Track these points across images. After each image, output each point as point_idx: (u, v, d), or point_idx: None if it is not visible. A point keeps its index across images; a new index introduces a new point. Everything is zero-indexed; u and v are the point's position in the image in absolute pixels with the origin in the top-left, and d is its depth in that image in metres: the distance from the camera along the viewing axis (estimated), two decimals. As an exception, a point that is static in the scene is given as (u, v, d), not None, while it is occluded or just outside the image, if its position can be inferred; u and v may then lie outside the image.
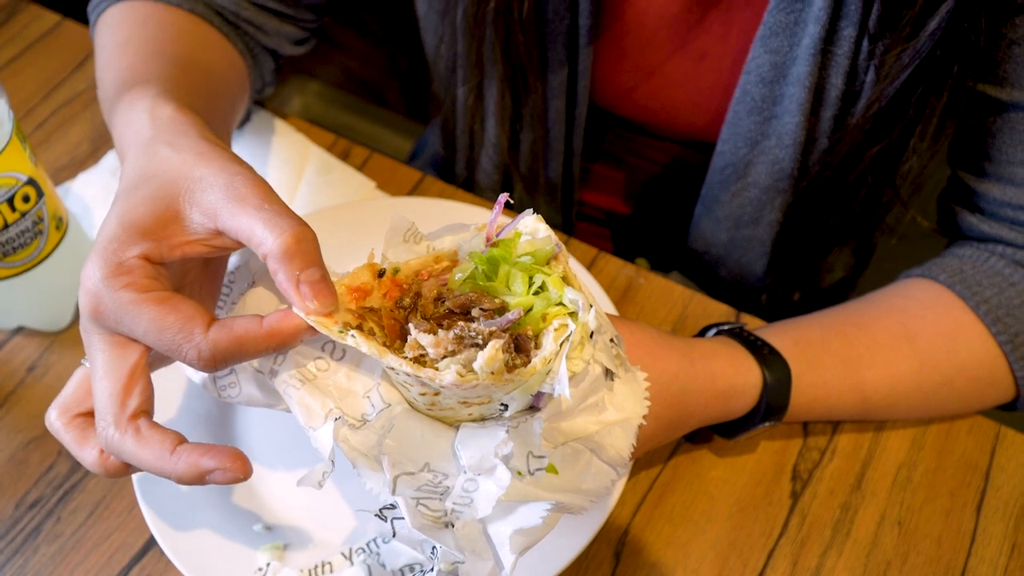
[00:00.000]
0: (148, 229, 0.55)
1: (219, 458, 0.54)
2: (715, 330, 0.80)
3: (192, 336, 0.52)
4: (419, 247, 0.58)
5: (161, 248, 0.56)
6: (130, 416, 0.54)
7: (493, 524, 0.54)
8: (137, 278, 0.54)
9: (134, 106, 0.67)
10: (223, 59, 0.87)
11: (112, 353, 0.55)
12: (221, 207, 0.55)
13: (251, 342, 0.53)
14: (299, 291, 0.52)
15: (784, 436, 0.83)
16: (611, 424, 0.57)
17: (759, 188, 0.92)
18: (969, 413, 0.84)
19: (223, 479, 0.54)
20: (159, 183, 0.57)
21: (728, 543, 0.77)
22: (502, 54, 0.90)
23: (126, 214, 0.56)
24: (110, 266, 0.54)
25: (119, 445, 0.54)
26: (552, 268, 0.54)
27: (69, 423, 0.59)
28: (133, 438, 0.54)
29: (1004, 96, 0.79)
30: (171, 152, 0.59)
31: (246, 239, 0.55)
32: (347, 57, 1.67)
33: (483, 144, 1.02)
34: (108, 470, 0.58)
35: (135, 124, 0.65)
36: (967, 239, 0.87)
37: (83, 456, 0.58)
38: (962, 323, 0.80)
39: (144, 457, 0.54)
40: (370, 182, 0.98)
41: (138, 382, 0.55)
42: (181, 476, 0.54)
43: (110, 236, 0.55)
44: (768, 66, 0.83)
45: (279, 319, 0.53)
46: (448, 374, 0.49)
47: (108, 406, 0.54)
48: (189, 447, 0.54)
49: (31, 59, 1.09)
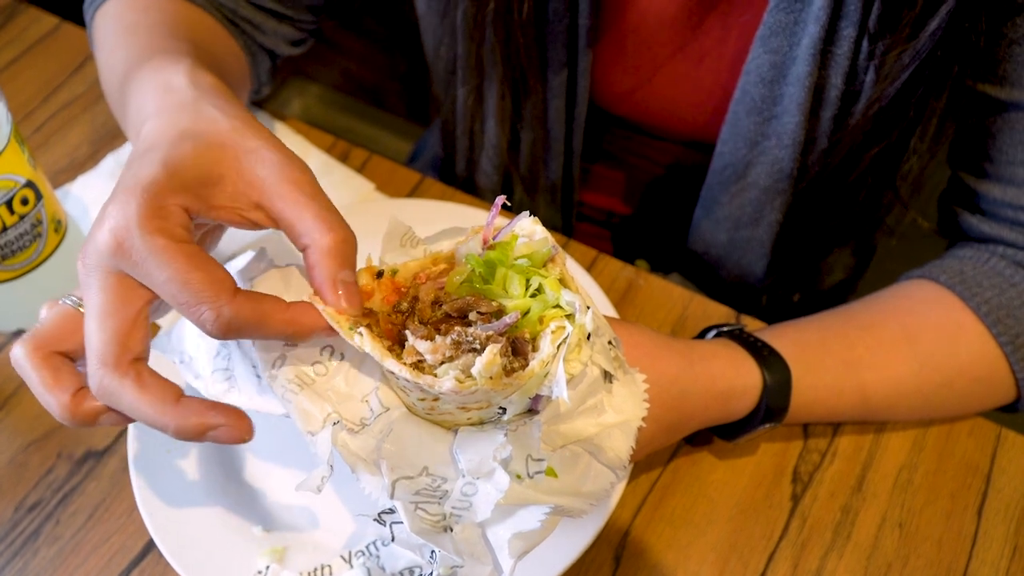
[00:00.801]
0: (191, 182, 0.54)
1: (225, 414, 0.52)
2: (715, 331, 0.80)
3: (218, 297, 0.50)
4: (416, 251, 0.58)
5: (200, 205, 0.54)
6: (132, 359, 0.52)
7: (492, 528, 0.54)
8: (173, 226, 0.52)
9: (163, 69, 0.64)
10: (228, 50, 0.87)
11: (118, 294, 0.52)
12: (271, 186, 0.54)
13: (271, 322, 0.51)
14: (335, 289, 0.52)
15: (784, 438, 0.83)
16: (610, 426, 0.57)
17: (759, 189, 0.92)
18: (970, 414, 0.84)
19: (226, 436, 0.52)
20: (208, 141, 0.55)
21: (728, 546, 0.77)
22: (502, 55, 0.90)
23: (172, 161, 0.54)
24: (149, 207, 0.51)
25: (116, 389, 0.52)
26: (549, 270, 0.54)
27: (43, 360, 0.55)
28: (134, 383, 0.52)
29: (1004, 96, 0.79)
30: (220, 115, 0.57)
31: (288, 225, 0.54)
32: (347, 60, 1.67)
33: (483, 145, 1.02)
34: (78, 417, 0.54)
35: (168, 83, 0.62)
36: (967, 240, 0.86)
37: (50, 400, 0.54)
38: (963, 324, 0.80)
39: (143, 405, 0.51)
40: (369, 184, 0.98)
41: (142, 328, 0.53)
42: (180, 427, 0.52)
43: (152, 178, 0.52)
44: (768, 66, 0.83)
45: (303, 310, 0.52)
46: (447, 381, 0.49)
47: (109, 347, 0.51)
48: (195, 401, 0.53)
49: (30, 62, 1.09)
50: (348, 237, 0.53)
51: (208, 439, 0.53)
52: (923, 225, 0.91)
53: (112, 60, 0.77)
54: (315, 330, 0.53)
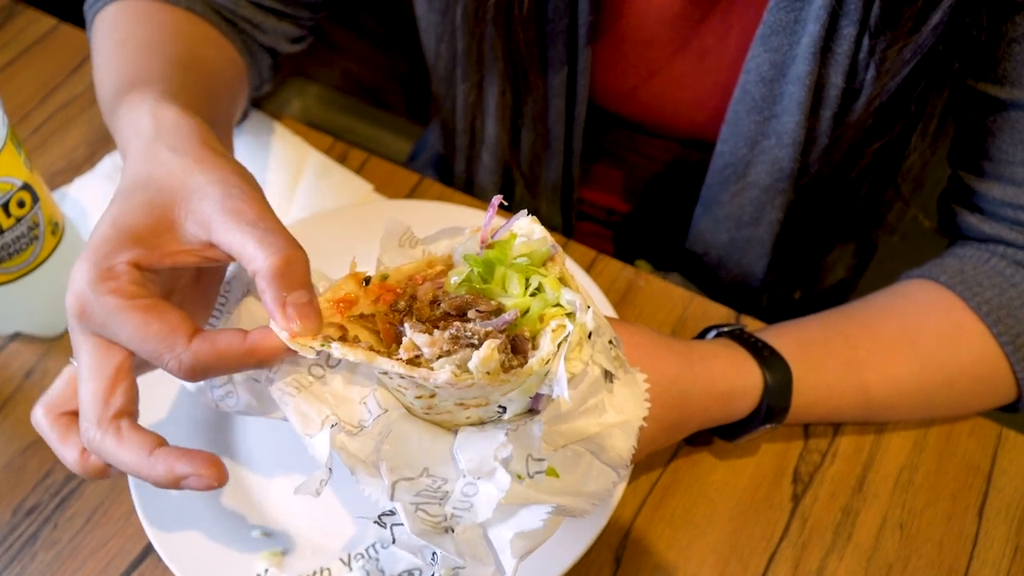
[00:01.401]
0: (140, 235, 0.55)
1: (194, 464, 0.54)
2: (715, 332, 0.80)
3: (174, 346, 0.53)
4: (415, 251, 0.58)
5: (152, 255, 0.56)
6: (112, 416, 0.54)
7: (494, 528, 0.53)
8: (124, 284, 0.54)
9: (135, 107, 0.66)
10: (222, 57, 0.87)
11: (97, 354, 0.55)
12: (215, 219, 0.55)
13: (232, 357, 0.53)
14: (284, 312, 0.52)
15: (785, 439, 0.82)
16: (611, 426, 0.56)
17: (759, 188, 0.92)
18: (971, 414, 0.84)
19: (197, 485, 0.54)
20: (156, 188, 0.57)
21: (729, 546, 0.77)
22: (503, 51, 0.90)
23: (120, 218, 0.56)
24: (98, 270, 0.54)
25: (100, 444, 0.54)
26: (549, 269, 0.53)
27: (55, 421, 0.59)
28: (114, 438, 0.54)
29: (1004, 95, 0.78)
30: (171, 156, 0.59)
31: (237, 255, 0.55)
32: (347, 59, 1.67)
33: (483, 143, 1.01)
34: (88, 470, 0.58)
35: (137, 125, 0.65)
36: (968, 239, 0.86)
37: (64, 455, 0.58)
38: (963, 324, 0.79)
39: (123, 458, 0.54)
40: (368, 185, 0.98)
41: (121, 383, 0.55)
42: (157, 480, 0.54)
43: (101, 239, 0.55)
44: (768, 65, 0.82)
45: (260, 337, 0.53)
46: (443, 373, 0.49)
47: (91, 406, 0.54)
48: (167, 451, 0.54)
49: (27, 63, 1.08)
50: (293, 257, 0.54)
51: (184, 487, 0.54)
52: (924, 223, 0.91)
53: (103, 77, 0.79)
54: (278, 354, 0.53)
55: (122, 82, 0.73)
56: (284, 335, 0.52)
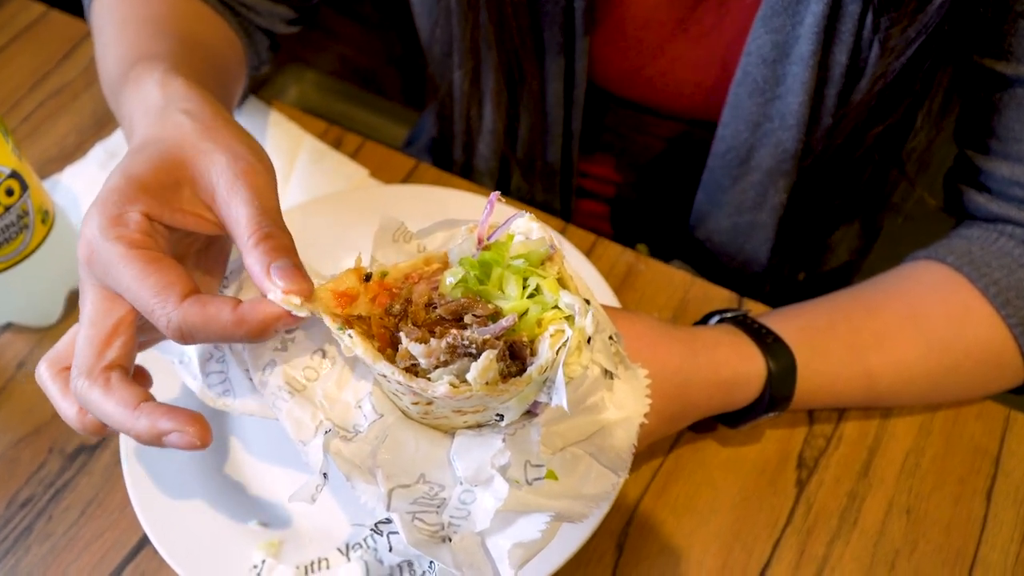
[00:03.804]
0: (151, 187, 0.55)
1: (177, 420, 0.52)
2: (718, 317, 0.78)
3: (166, 303, 0.51)
4: (409, 246, 0.57)
5: (161, 209, 0.55)
6: (104, 367, 0.53)
7: (491, 537, 0.52)
8: (132, 232, 0.53)
9: (142, 82, 0.66)
10: (221, 38, 0.86)
11: (101, 305, 0.54)
12: (218, 189, 0.55)
13: (220, 325, 0.51)
14: (269, 276, 0.51)
15: (789, 424, 0.81)
16: (612, 424, 0.55)
17: (762, 171, 0.91)
18: (978, 398, 0.83)
19: (180, 442, 0.52)
20: (167, 145, 0.57)
21: (732, 533, 0.75)
22: (496, 39, 0.88)
23: (131, 168, 0.56)
24: (108, 216, 0.53)
25: (86, 394, 0.53)
26: (547, 270, 0.52)
27: (57, 375, 0.58)
28: (101, 389, 0.52)
29: (1010, 71, 0.77)
30: (184, 118, 0.59)
31: (230, 229, 0.54)
32: (343, 45, 1.66)
33: (480, 129, 1.00)
34: (87, 427, 0.56)
35: (144, 98, 0.64)
36: (975, 219, 0.85)
37: (64, 409, 0.57)
38: (970, 306, 0.78)
39: (107, 409, 0.52)
40: (363, 170, 0.96)
41: (120, 337, 0.54)
42: (140, 434, 0.52)
43: (112, 188, 0.55)
44: (770, 46, 0.81)
45: (251, 307, 0.51)
46: (441, 386, 0.48)
47: (85, 354, 0.53)
48: (151, 406, 0.52)
49: (17, 51, 1.07)
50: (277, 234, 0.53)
51: (167, 445, 0.53)
52: (930, 203, 0.90)
53: (106, 61, 0.78)
54: (266, 326, 0.52)
55: (127, 61, 0.72)
56: (278, 296, 0.51)
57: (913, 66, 0.79)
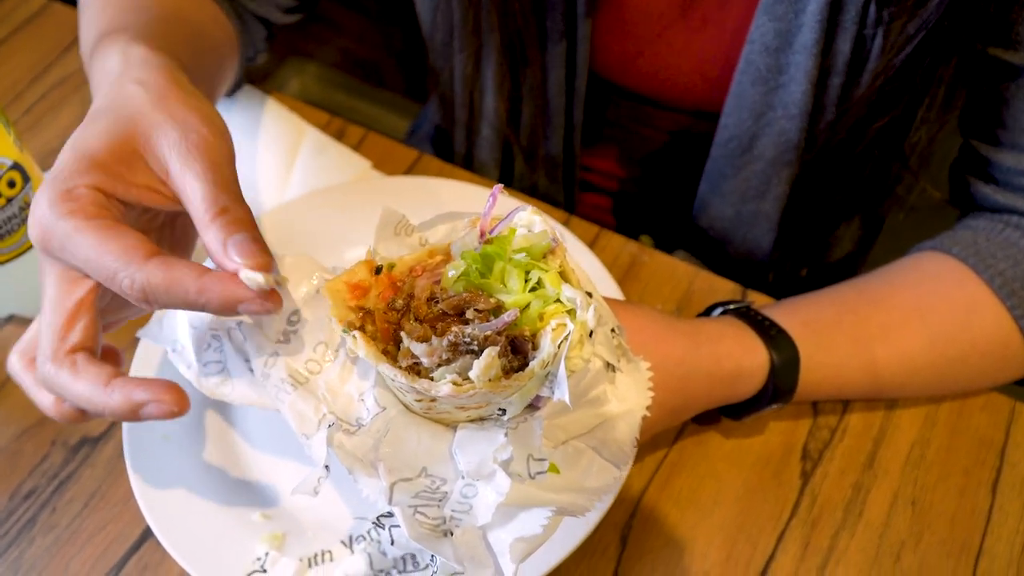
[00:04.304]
0: (101, 161, 0.53)
1: (152, 390, 0.51)
2: (721, 309, 0.78)
3: (129, 264, 0.50)
4: (411, 239, 0.56)
5: (114, 183, 0.53)
6: (68, 350, 0.52)
7: (493, 532, 0.52)
8: (84, 205, 0.52)
9: (108, 50, 0.65)
10: (208, 17, 0.85)
11: (60, 288, 0.53)
12: (171, 163, 0.53)
13: (183, 290, 0.50)
14: (226, 252, 0.50)
15: (793, 415, 0.81)
16: (614, 417, 0.55)
17: (765, 161, 0.90)
18: (984, 389, 0.82)
19: (157, 412, 0.51)
20: (118, 116, 0.55)
21: (736, 526, 0.75)
22: (499, 21, 0.88)
23: (80, 143, 0.54)
24: (57, 192, 0.52)
25: (55, 379, 0.52)
26: (549, 263, 0.51)
27: (28, 365, 0.57)
28: (69, 371, 0.51)
29: (1018, 60, 0.76)
30: (137, 88, 0.57)
31: (185, 203, 0.53)
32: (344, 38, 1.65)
33: (482, 117, 1.00)
34: (64, 415, 0.55)
35: (106, 65, 0.63)
36: (980, 210, 0.84)
37: (39, 399, 0.56)
38: (976, 297, 0.78)
39: (79, 391, 0.51)
40: (365, 161, 0.96)
41: (82, 318, 0.53)
42: (115, 410, 0.51)
43: (62, 164, 0.53)
44: (772, 35, 0.80)
45: (216, 279, 0.50)
46: (444, 386, 0.47)
47: (48, 339, 0.52)
48: (123, 380, 0.52)
49: (19, 43, 1.07)
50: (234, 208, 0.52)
51: (144, 417, 0.51)
52: (934, 195, 0.89)
53: (86, 36, 0.77)
54: (227, 301, 0.50)
55: (99, 33, 0.71)
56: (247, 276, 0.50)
57: (914, 61, 0.78)
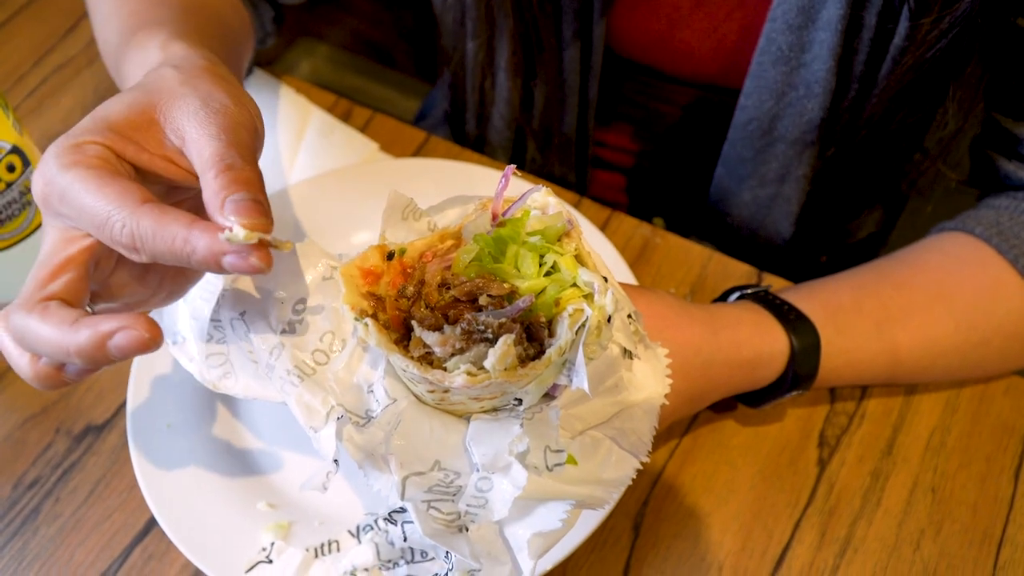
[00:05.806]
0: (119, 125, 0.52)
1: (120, 319, 0.47)
2: (738, 293, 0.76)
3: (123, 207, 0.48)
4: (420, 224, 0.54)
5: (127, 145, 0.52)
6: (42, 297, 0.49)
7: (510, 526, 0.51)
8: (88, 156, 0.50)
9: (145, 47, 0.64)
10: (226, 4, 0.84)
11: (55, 245, 0.50)
12: (188, 128, 0.52)
13: (171, 236, 0.47)
14: (222, 209, 0.48)
15: (810, 401, 0.79)
16: (632, 405, 0.53)
17: (786, 142, 0.88)
18: (1007, 373, 0.80)
19: (127, 340, 0.47)
20: (145, 90, 0.55)
21: (752, 514, 0.74)
22: (512, 7, 0.85)
23: (100, 110, 0.54)
24: (63, 146, 0.50)
25: (23, 327, 0.48)
26: (564, 246, 0.49)
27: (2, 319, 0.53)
28: (38, 315, 0.48)
29: None
30: (172, 72, 0.57)
31: (195, 163, 0.51)
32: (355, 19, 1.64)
33: (494, 100, 0.98)
34: (39, 374, 0.51)
35: (145, 60, 0.62)
36: (1003, 188, 0.82)
37: (14, 358, 0.52)
38: (1000, 279, 0.76)
39: (45, 334, 0.48)
40: (373, 143, 0.94)
41: (68, 272, 0.50)
42: (82, 347, 0.47)
43: (77, 127, 0.52)
44: (796, 11, 0.78)
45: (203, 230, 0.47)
46: (458, 377, 0.46)
47: (26, 289, 0.49)
48: (90, 316, 0.48)
49: (20, 26, 1.05)
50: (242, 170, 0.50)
51: (115, 353, 0.48)
52: (951, 177, 0.86)
53: (106, 32, 0.76)
54: (212, 253, 0.47)
55: (129, 28, 0.70)
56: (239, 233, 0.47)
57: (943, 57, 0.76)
